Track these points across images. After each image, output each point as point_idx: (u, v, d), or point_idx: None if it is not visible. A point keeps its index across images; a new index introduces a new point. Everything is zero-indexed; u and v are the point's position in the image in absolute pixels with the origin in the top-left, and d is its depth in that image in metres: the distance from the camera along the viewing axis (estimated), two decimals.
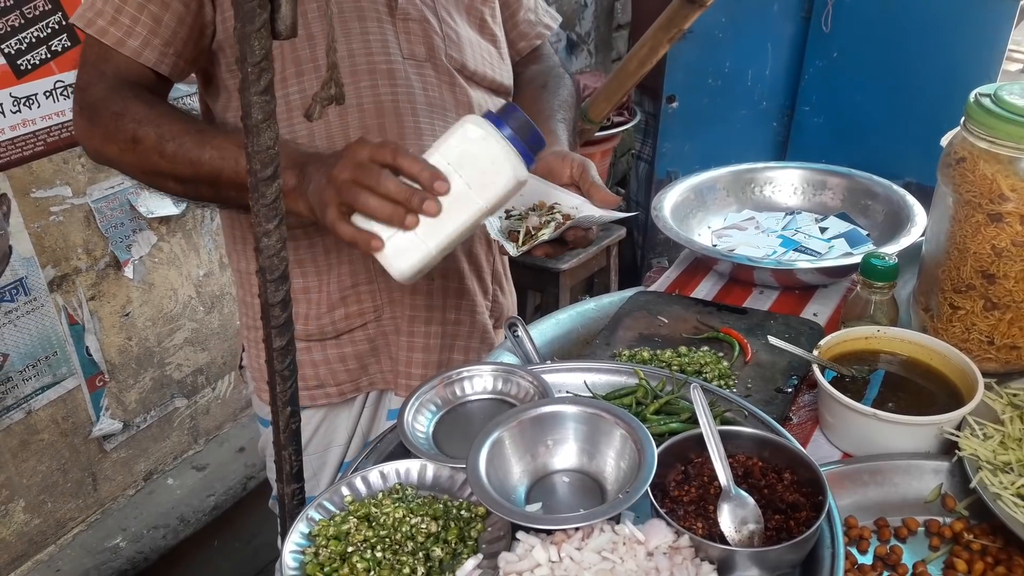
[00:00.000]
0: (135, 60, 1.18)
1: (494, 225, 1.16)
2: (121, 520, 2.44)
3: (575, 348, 1.47)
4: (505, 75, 1.43)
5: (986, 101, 1.14)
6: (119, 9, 1.16)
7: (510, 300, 1.59)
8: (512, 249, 1.12)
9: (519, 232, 1.14)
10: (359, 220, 1.02)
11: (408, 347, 1.42)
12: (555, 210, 1.17)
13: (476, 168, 1.01)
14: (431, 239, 1.02)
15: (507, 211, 1.19)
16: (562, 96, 1.46)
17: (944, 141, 1.25)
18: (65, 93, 2.05)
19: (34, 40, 1.97)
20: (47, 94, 2.02)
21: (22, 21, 1.93)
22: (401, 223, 0.99)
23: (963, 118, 1.17)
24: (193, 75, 1.32)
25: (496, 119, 1.02)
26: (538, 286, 3.05)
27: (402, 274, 1.03)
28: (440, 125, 1.30)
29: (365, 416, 1.47)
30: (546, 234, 1.12)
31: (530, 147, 1.03)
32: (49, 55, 2.00)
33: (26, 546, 2.26)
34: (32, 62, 1.98)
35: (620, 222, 3.33)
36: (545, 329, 1.48)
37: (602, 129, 2.76)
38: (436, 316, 1.42)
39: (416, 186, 0.99)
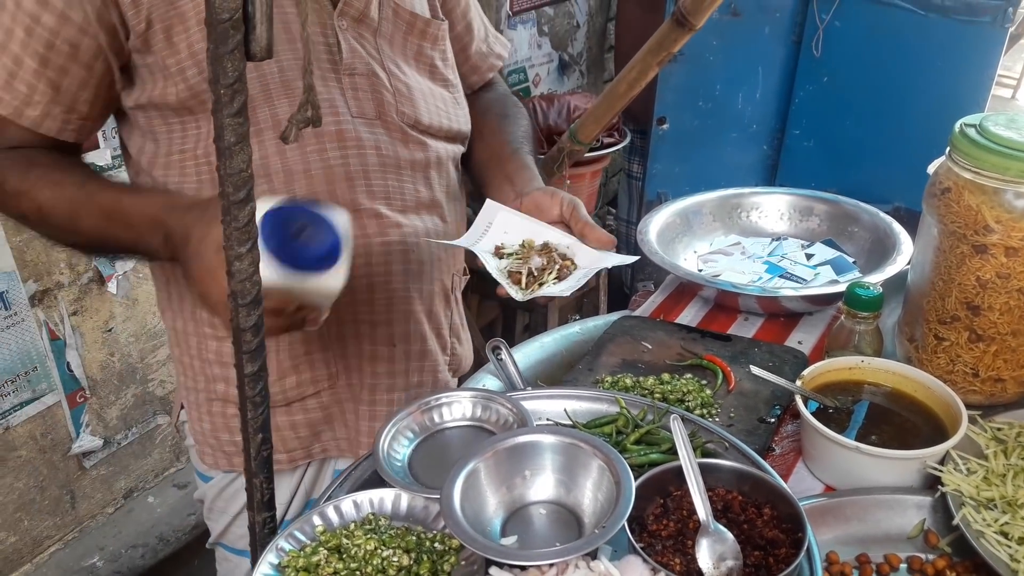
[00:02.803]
0: (34, 131, 1.10)
1: (491, 265, 1.11)
2: (99, 539, 2.41)
3: (559, 372, 1.46)
4: (462, 120, 1.35)
5: (971, 132, 1.13)
6: (13, 74, 1.06)
7: (467, 347, 1.50)
8: (517, 295, 1.08)
9: (521, 274, 1.10)
10: None
11: (370, 416, 1.33)
12: (552, 251, 1.12)
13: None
14: None
15: (498, 248, 1.14)
16: (523, 126, 1.41)
17: (930, 170, 1.25)
18: None
19: None
20: None
21: None
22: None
23: (948, 148, 1.17)
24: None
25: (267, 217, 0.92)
26: (527, 306, 3.03)
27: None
28: (394, 185, 1.24)
29: (308, 475, 1.38)
30: (552, 283, 1.08)
31: (310, 262, 0.93)
32: None
33: (1, 565, 2.22)
34: None
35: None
36: (529, 352, 1.47)
37: (592, 150, 2.75)
38: (399, 382, 1.34)
39: None
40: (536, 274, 1.10)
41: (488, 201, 1.19)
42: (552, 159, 2.34)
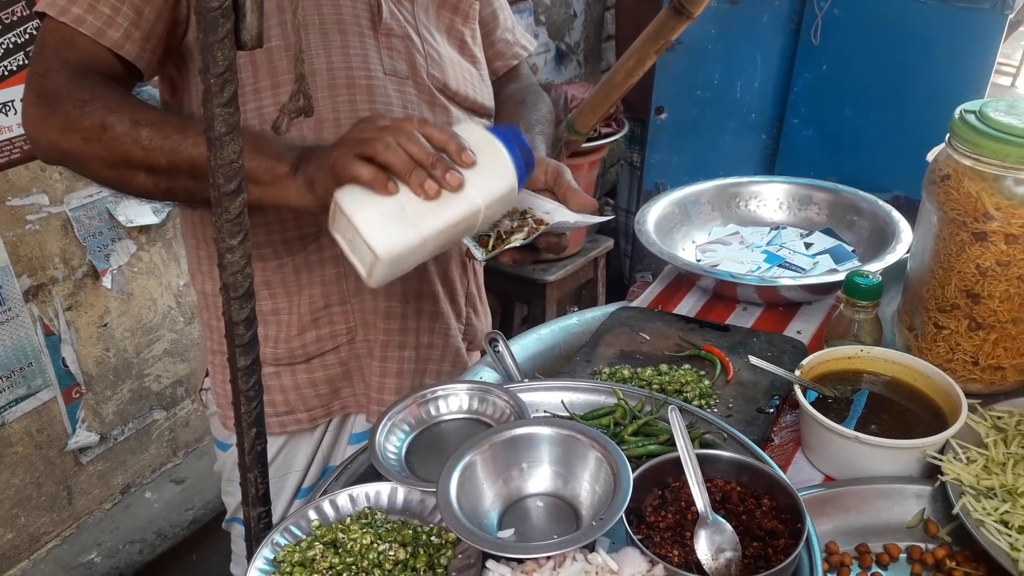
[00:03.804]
0: (111, 51, 1.11)
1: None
2: (96, 535, 2.40)
3: (557, 364, 1.45)
4: (486, 96, 1.41)
5: (971, 118, 1.12)
6: None
7: (484, 321, 1.56)
8: (480, 254, 1.09)
9: (489, 237, 1.11)
10: (348, 193, 0.96)
11: (381, 372, 1.38)
12: (527, 215, 1.14)
13: (482, 167, 0.99)
14: (422, 222, 0.96)
15: None
16: (540, 111, 1.45)
17: (930, 157, 1.23)
18: None
19: (11, 46, 1.94)
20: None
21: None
22: (420, 186, 0.94)
23: (948, 135, 1.16)
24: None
25: (502, 133, 1.02)
26: (525, 298, 3.03)
27: (380, 252, 0.94)
28: None
29: (326, 441, 1.43)
30: (518, 240, 1.09)
31: (527, 169, 1.03)
32: (26, 61, 1.96)
33: None
34: (9, 68, 1.95)
35: (607, 232, 3.32)
36: (527, 344, 1.46)
37: (589, 140, 2.74)
38: (410, 340, 1.38)
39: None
40: (504, 237, 1.10)
41: None
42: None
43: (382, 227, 0.95)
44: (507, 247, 1.09)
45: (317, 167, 0.99)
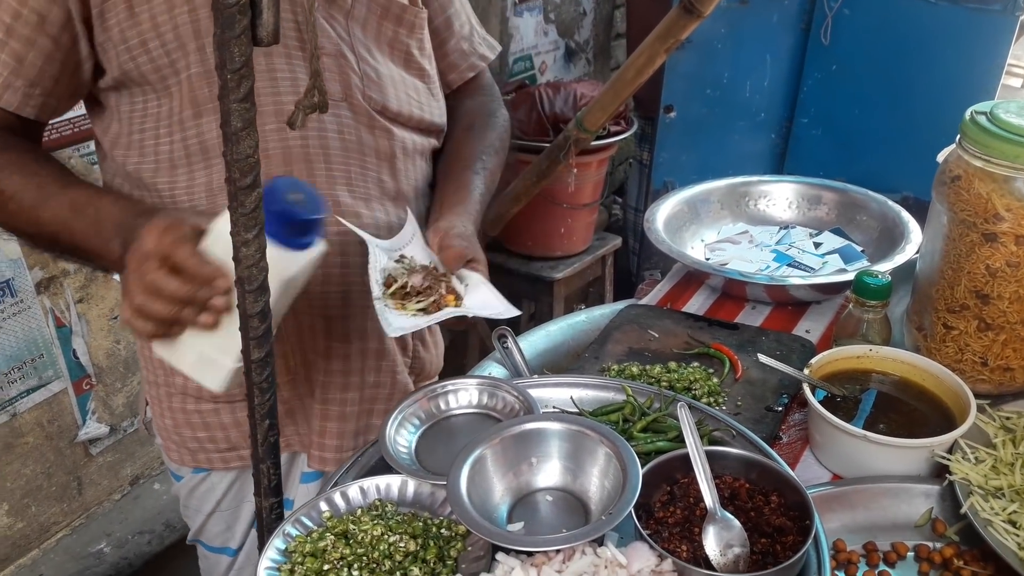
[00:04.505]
0: None
1: (379, 261, 1.08)
2: (106, 525, 2.42)
3: (566, 361, 1.45)
4: (436, 112, 1.30)
5: (982, 119, 1.12)
6: None
7: (434, 351, 1.44)
8: (377, 290, 1.05)
9: (395, 280, 1.06)
10: (159, 345, 0.98)
11: (322, 415, 1.29)
12: (446, 281, 1.07)
13: None
14: (229, 348, 0.94)
15: (401, 257, 1.12)
16: (488, 139, 1.35)
17: (940, 158, 1.24)
18: None
19: None
20: None
21: None
22: (198, 323, 0.93)
23: (958, 136, 1.16)
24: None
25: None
26: (532, 295, 3.03)
27: (213, 388, 0.99)
28: (356, 171, 1.20)
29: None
30: (406, 315, 1.03)
31: (301, 228, 0.95)
32: None
33: (9, 550, 2.23)
34: None
35: (615, 231, 3.32)
36: (535, 341, 1.46)
37: (598, 138, 2.74)
38: (354, 380, 1.28)
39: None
40: (410, 292, 1.05)
41: (409, 215, 1.18)
42: (558, 147, 2.33)
43: (201, 367, 0.99)
44: (383, 315, 1.02)
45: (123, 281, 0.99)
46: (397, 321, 1.01)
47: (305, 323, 1.23)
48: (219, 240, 0.91)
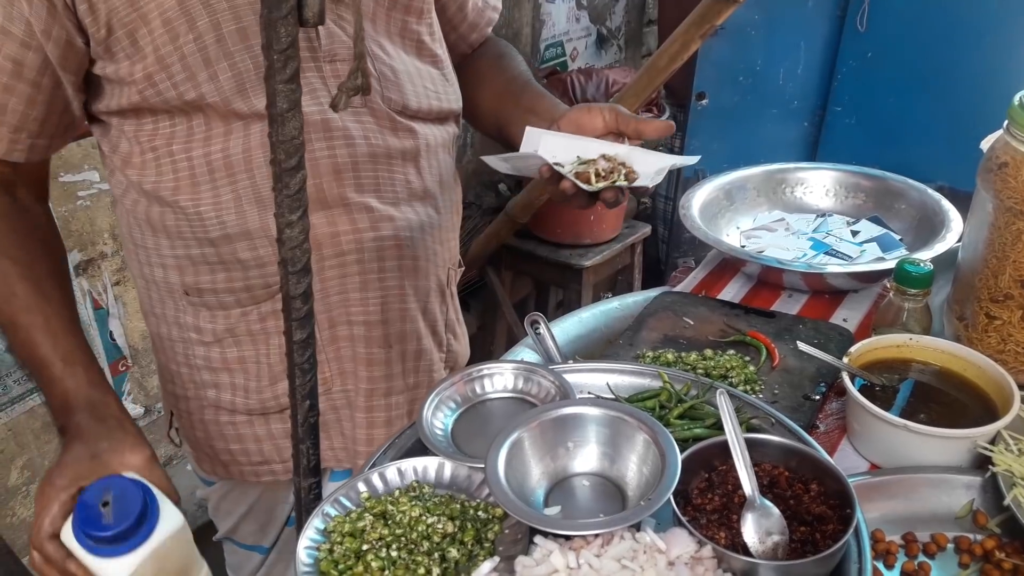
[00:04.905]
0: None
1: (565, 170, 1.07)
2: None
3: (598, 347, 1.45)
4: (452, 99, 1.28)
5: None
6: None
7: (463, 342, 1.44)
8: (587, 186, 1.05)
9: (589, 173, 1.06)
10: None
11: (368, 423, 1.27)
12: (613, 159, 1.08)
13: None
14: None
15: (558, 165, 1.09)
16: (523, 62, 1.34)
17: (984, 145, 1.21)
18: None
19: None
20: None
21: None
22: None
23: (1006, 122, 1.14)
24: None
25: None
26: (560, 283, 3.03)
27: None
28: (385, 176, 1.18)
29: None
30: (621, 180, 1.05)
31: (109, 539, 0.92)
32: None
33: None
34: None
35: (644, 219, 3.30)
36: (568, 327, 1.46)
37: None
38: (397, 385, 1.28)
39: None
40: (603, 175, 1.05)
41: (528, 128, 1.13)
42: None
43: None
44: (622, 183, 1.04)
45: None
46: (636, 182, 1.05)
47: (342, 332, 1.22)
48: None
